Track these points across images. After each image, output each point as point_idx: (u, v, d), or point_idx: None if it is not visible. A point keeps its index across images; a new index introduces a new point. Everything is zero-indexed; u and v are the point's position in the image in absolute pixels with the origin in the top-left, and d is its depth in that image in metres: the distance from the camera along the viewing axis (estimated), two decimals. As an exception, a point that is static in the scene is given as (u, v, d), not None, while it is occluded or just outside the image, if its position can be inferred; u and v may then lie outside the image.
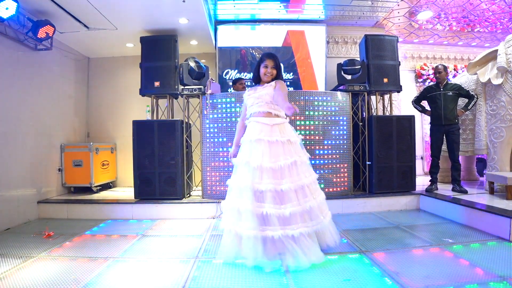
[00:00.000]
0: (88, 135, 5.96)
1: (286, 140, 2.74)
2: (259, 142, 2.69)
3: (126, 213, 4.25)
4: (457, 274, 2.30)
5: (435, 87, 4.71)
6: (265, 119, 2.76)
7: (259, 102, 2.81)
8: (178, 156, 4.40)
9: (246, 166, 2.67)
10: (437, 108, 4.62)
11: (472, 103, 4.57)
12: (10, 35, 3.92)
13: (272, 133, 2.72)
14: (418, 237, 3.25)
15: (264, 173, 2.62)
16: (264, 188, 2.57)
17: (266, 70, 2.86)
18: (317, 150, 4.35)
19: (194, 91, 4.53)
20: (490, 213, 3.30)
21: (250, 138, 2.75)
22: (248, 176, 2.62)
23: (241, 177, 2.68)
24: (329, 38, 6.30)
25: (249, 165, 2.65)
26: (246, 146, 2.78)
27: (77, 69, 5.66)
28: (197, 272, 2.47)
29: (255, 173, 2.62)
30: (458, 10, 5.67)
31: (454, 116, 4.54)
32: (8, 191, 3.86)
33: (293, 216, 2.54)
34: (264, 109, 2.78)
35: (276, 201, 2.57)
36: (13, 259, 2.76)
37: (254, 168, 2.62)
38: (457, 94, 4.58)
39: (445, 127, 4.57)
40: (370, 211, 4.38)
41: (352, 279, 2.29)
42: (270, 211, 2.52)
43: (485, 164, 5.17)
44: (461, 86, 4.64)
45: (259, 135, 2.71)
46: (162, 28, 4.85)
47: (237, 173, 2.76)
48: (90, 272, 2.48)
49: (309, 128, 4.33)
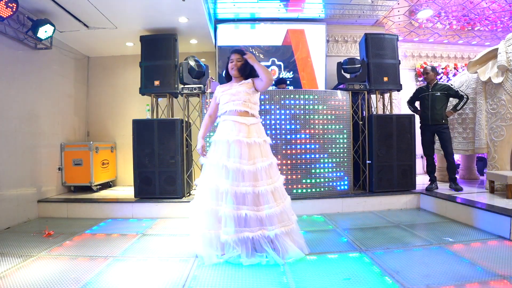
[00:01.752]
0: (88, 134, 5.96)
1: (263, 141, 2.78)
2: (239, 143, 2.66)
3: (126, 212, 4.25)
4: (458, 273, 2.30)
5: (425, 88, 4.77)
6: (243, 119, 2.73)
7: (236, 100, 2.75)
8: (178, 155, 4.40)
9: (223, 169, 2.64)
10: (425, 108, 4.70)
11: (462, 104, 4.56)
12: (10, 34, 3.91)
13: (250, 134, 2.71)
14: (419, 236, 3.25)
15: (245, 175, 2.63)
16: (244, 191, 2.60)
17: (231, 64, 2.85)
18: (317, 150, 4.34)
19: (194, 90, 4.53)
20: (491, 212, 3.30)
21: (227, 138, 2.68)
22: (226, 179, 2.62)
23: (217, 179, 2.65)
24: (329, 37, 6.29)
25: (227, 168, 2.63)
26: (222, 147, 2.70)
27: (77, 68, 5.66)
28: (197, 271, 2.47)
29: (234, 176, 2.62)
30: (458, 9, 5.66)
31: (441, 116, 4.58)
32: (8, 190, 3.85)
33: (271, 217, 2.61)
34: (241, 108, 2.74)
35: (255, 203, 2.62)
36: (13, 258, 2.76)
37: (233, 170, 2.62)
38: (446, 94, 4.60)
39: (432, 127, 4.64)
40: (370, 210, 4.38)
41: (352, 278, 2.28)
42: (249, 213, 2.58)
43: (485, 163, 5.17)
44: (450, 87, 4.62)
45: (238, 135, 2.67)
46: (162, 27, 4.84)
47: (211, 174, 2.71)
48: (90, 271, 2.47)
49: (309, 128, 4.32)
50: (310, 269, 2.45)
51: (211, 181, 2.67)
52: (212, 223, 2.65)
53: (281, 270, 2.43)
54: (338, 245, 2.99)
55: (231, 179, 2.62)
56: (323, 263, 2.57)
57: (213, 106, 2.96)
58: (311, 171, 4.32)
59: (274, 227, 2.60)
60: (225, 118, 2.77)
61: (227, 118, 2.76)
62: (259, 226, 2.60)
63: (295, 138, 4.30)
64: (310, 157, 4.31)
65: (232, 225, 2.57)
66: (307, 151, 4.30)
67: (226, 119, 2.76)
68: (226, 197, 2.61)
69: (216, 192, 2.65)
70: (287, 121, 4.28)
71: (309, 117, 4.33)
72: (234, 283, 2.26)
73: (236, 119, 2.72)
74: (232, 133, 2.68)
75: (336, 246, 2.96)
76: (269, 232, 2.59)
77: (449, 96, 4.61)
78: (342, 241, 3.12)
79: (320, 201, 4.25)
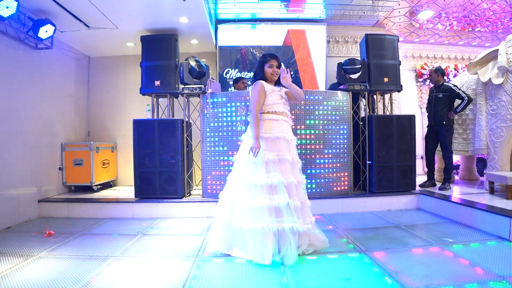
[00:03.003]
0: (88, 134, 5.97)
1: (295, 139, 2.96)
2: (291, 141, 2.86)
3: (127, 212, 4.26)
4: (457, 274, 2.30)
5: (433, 88, 4.92)
6: (289, 120, 2.95)
7: (285, 102, 2.94)
8: (178, 155, 4.40)
9: (287, 163, 2.75)
10: (429, 109, 4.90)
11: (462, 105, 4.58)
12: (10, 34, 3.92)
13: (290, 132, 2.91)
14: (418, 236, 3.25)
15: (294, 169, 2.81)
16: (296, 182, 2.76)
17: (272, 70, 2.92)
18: (317, 150, 4.35)
19: (195, 90, 4.53)
20: (490, 212, 3.30)
21: (283, 135, 2.79)
22: (291, 173, 2.75)
23: (280, 173, 2.67)
24: (330, 37, 6.29)
25: (290, 162, 2.77)
26: (281, 144, 2.77)
27: (78, 68, 5.66)
28: (197, 271, 2.47)
29: (288, 169, 2.74)
30: (459, 10, 5.66)
31: (441, 118, 4.66)
32: (9, 189, 3.86)
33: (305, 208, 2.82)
34: (288, 110, 2.95)
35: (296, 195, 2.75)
36: (13, 257, 2.76)
37: (293, 163, 2.79)
38: (448, 96, 4.63)
39: (434, 128, 4.79)
40: (370, 210, 4.38)
41: (352, 278, 2.29)
42: (297, 204, 2.67)
43: (485, 164, 5.18)
44: (452, 88, 4.63)
45: (288, 134, 2.86)
46: (163, 27, 4.85)
47: (265, 170, 2.69)
48: (90, 271, 2.48)
49: (309, 128, 4.32)
50: (310, 269, 2.45)
51: (273, 176, 2.66)
52: (267, 217, 2.60)
53: (281, 270, 2.43)
54: (338, 245, 3.00)
55: (291, 172, 2.76)
56: (323, 263, 2.58)
57: (262, 102, 2.84)
58: (311, 171, 4.32)
59: (309, 219, 2.81)
60: (278, 118, 2.85)
61: (280, 118, 2.86)
62: (302, 217, 2.71)
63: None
64: (310, 157, 4.31)
65: (292, 213, 2.59)
66: (307, 151, 4.30)
67: (280, 119, 2.85)
68: (295, 188, 2.73)
69: (284, 186, 2.65)
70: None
71: (309, 117, 4.33)
72: (234, 282, 2.26)
73: (286, 119, 2.91)
74: (285, 131, 2.84)
75: (336, 246, 2.97)
76: (307, 225, 2.75)
77: (451, 98, 4.63)
78: (342, 241, 3.13)
79: (320, 201, 4.26)
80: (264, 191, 2.62)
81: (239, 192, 2.74)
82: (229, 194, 2.82)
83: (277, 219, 2.57)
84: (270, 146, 2.74)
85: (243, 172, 2.76)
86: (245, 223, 2.61)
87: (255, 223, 2.57)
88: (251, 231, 2.59)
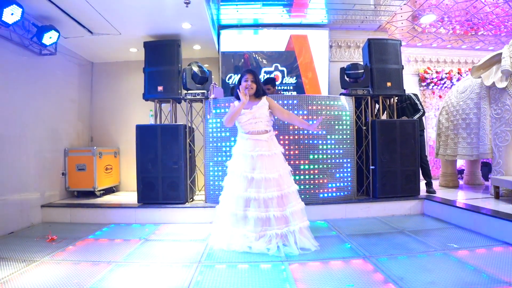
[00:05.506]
0: (91, 139, 5.99)
1: (279, 152, 3.22)
2: (261, 157, 3.09)
3: (129, 218, 4.25)
4: (463, 280, 2.27)
5: None
6: (263, 136, 3.15)
7: (258, 122, 3.16)
8: (181, 160, 4.40)
9: (249, 180, 3.08)
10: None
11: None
12: (15, 40, 3.96)
13: (270, 147, 3.15)
14: (423, 242, 3.22)
15: (271, 182, 3.06)
16: (271, 196, 3.03)
17: (246, 84, 3.18)
18: (320, 155, 4.33)
19: (197, 96, 4.54)
20: (496, 218, 3.26)
21: (251, 153, 3.09)
22: (251, 188, 3.06)
23: (243, 188, 3.08)
24: (332, 42, 6.30)
25: (253, 179, 3.06)
26: (247, 160, 3.11)
27: (81, 74, 5.70)
28: (200, 276, 2.46)
29: (260, 184, 3.04)
30: (462, 14, 5.65)
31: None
32: (12, 195, 3.88)
33: (294, 214, 3.06)
34: (262, 128, 3.18)
35: (279, 204, 3.07)
36: (16, 263, 2.76)
37: (259, 180, 3.04)
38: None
39: None
40: (373, 215, 4.35)
41: (356, 284, 2.26)
42: (276, 214, 3.01)
43: (490, 169, 5.14)
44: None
45: (261, 151, 3.10)
46: (165, 33, 4.88)
47: (236, 184, 3.13)
48: (93, 276, 2.47)
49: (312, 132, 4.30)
50: (313, 275, 2.43)
51: (237, 189, 3.11)
52: (237, 223, 3.09)
53: (284, 277, 2.41)
54: (341, 251, 2.97)
55: (256, 187, 3.05)
56: (326, 269, 2.55)
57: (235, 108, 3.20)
58: (314, 177, 4.30)
59: (297, 222, 3.04)
60: (248, 137, 3.16)
61: (250, 137, 3.16)
62: (285, 224, 3.03)
63: (297, 143, 4.27)
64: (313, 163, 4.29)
65: (260, 225, 3.01)
66: (310, 156, 4.28)
67: (249, 138, 3.15)
68: (254, 203, 3.03)
69: (242, 199, 3.07)
70: (289, 125, 4.25)
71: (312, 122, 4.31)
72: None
73: (258, 138, 3.14)
74: (256, 149, 3.11)
75: (339, 252, 2.94)
76: (294, 227, 3.00)
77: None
78: (345, 247, 3.10)
79: (323, 206, 4.23)
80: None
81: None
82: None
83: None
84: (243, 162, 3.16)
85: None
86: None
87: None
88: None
